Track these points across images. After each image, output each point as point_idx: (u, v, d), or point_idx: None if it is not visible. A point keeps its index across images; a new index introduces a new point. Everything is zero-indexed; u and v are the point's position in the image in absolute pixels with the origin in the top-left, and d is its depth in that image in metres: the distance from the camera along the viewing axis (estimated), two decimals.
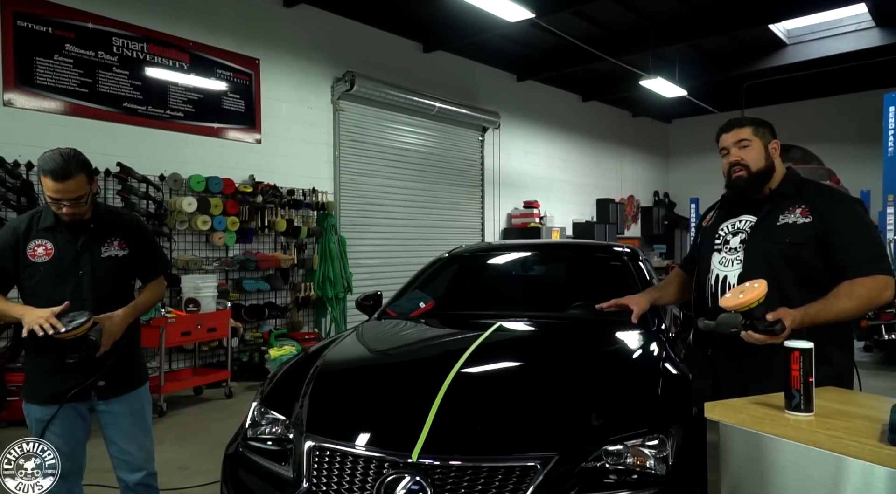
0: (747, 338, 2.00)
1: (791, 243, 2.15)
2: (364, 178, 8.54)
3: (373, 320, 3.71)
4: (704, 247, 2.45)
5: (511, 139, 11.09)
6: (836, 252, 2.10)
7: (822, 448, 1.52)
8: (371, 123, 8.67)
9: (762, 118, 2.33)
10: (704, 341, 2.42)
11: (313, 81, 7.91)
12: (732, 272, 2.28)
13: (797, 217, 2.18)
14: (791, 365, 1.67)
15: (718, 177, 10.27)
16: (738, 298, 1.96)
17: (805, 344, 1.66)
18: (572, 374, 2.65)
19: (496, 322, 3.19)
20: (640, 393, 2.51)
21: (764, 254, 2.20)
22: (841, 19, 10.05)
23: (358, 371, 2.93)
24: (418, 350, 3.11)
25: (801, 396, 1.65)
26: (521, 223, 10.79)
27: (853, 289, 2.04)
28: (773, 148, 2.28)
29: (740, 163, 2.27)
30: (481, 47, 9.99)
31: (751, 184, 2.28)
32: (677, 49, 10.34)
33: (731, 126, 2.32)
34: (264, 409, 2.67)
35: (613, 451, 2.20)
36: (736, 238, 2.32)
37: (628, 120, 14.65)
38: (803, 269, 2.15)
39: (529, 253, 4.27)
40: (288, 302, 7.47)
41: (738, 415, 1.72)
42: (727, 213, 2.42)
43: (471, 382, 2.54)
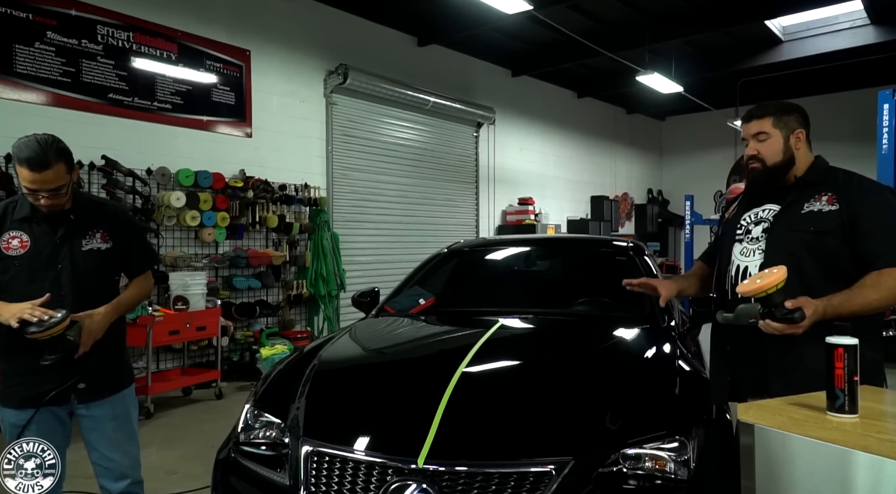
0: (765, 328, 1.89)
1: (816, 231, 2.04)
2: (357, 174, 8.38)
3: (370, 317, 3.56)
4: (726, 237, 2.33)
5: (506, 135, 10.96)
6: (863, 241, 1.99)
7: (873, 452, 1.39)
8: (364, 117, 8.51)
9: (791, 103, 2.20)
10: (722, 336, 2.31)
11: (306, 74, 7.74)
12: (754, 262, 2.17)
13: (823, 205, 2.06)
14: (835, 362, 1.54)
15: (712, 175, 10.26)
16: (756, 283, 1.85)
17: (850, 340, 1.53)
18: (583, 373, 2.52)
19: (500, 319, 3.06)
20: (657, 393, 2.38)
21: (787, 243, 2.09)
22: (836, 16, 9.98)
23: (357, 370, 2.78)
24: (420, 348, 2.97)
25: (846, 396, 1.51)
26: (516, 220, 10.67)
27: (881, 280, 1.93)
28: (796, 138, 2.15)
29: (756, 157, 2.18)
30: (476, 41, 9.85)
31: (765, 177, 2.19)
32: (673, 45, 10.24)
33: (752, 116, 2.20)
34: (258, 411, 2.52)
35: (632, 455, 2.07)
36: (758, 227, 2.21)
37: (623, 117, 14.55)
38: (829, 259, 2.04)
39: (531, 248, 4.14)
40: (280, 300, 7.30)
41: (776, 418, 1.58)
42: (750, 203, 2.30)
43: (477, 382, 2.40)
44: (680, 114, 15.41)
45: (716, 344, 2.35)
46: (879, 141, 10.00)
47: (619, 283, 3.66)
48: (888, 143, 9.80)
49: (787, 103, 2.20)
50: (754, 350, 2.13)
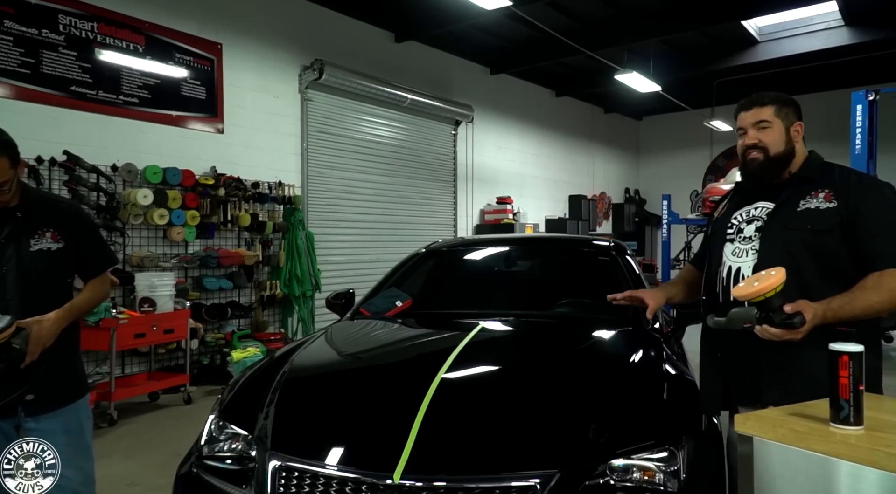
0: (762, 333, 1.78)
1: (813, 230, 1.93)
2: (333, 171, 8.21)
3: (345, 320, 3.42)
4: (716, 237, 2.21)
5: (484, 133, 10.85)
6: (863, 240, 1.89)
7: (883, 468, 1.30)
8: (340, 114, 8.34)
9: (787, 96, 2.10)
10: (714, 341, 2.19)
11: (280, 69, 7.54)
12: (747, 263, 2.05)
13: (820, 202, 1.96)
14: (839, 371, 1.44)
15: (688, 174, 10.24)
16: (753, 286, 1.73)
17: (855, 347, 1.44)
18: (567, 380, 2.40)
19: (480, 321, 2.94)
20: (645, 400, 2.28)
21: (783, 243, 1.97)
22: (811, 17, 10.05)
23: (330, 377, 2.64)
24: (397, 354, 2.83)
25: (851, 407, 1.42)
26: (494, 219, 10.57)
27: (882, 282, 1.83)
28: (795, 130, 2.06)
29: (758, 146, 2.05)
30: (455, 38, 9.74)
31: (766, 169, 2.06)
32: (651, 44, 10.22)
33: (752, 103, 2.08)
34: (223, 423, 2.36)
35: (619, 466, 1.96)
36: (751, 226, 2.09)
37: (600, 116, 14.55)
38: (827, 259, 1.93)
39: (511, 247, 4.02)
40: (252, 302, 7.10)
41: (776, 430, 1.48)
42: (741, 201, 2.19)
43: (457, 390, 2.27)
44: (657, 114, 15.47)
45: (706, 349, 2.24)
46: (853, 141, 10.11)
47: (601, 284, 3.59)
48: (861, 143, 9.90)
49: (785, 95, 2.10)
50: (748, 356, 2.02)
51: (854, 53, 10.34)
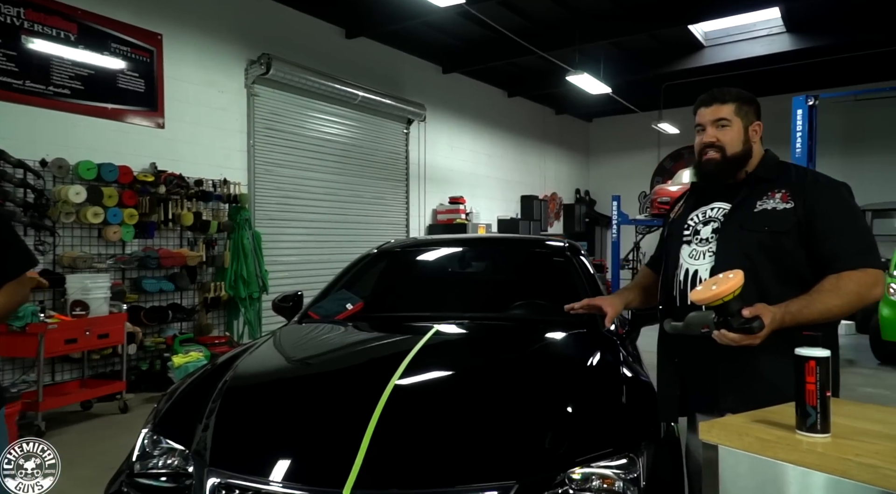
0: (720, 339, 1.71)
1: (770, 231, 1.88)
2: (281, 170, 7.97)
3: (292, 324, 3.26)
4: (672, 239, 2.15)
5: (436, 133, 10.76)
6: (820, 241, 1.85)
7: (854, 479, 1.25)
8: (289, 111, 8.11)
9: (749, 94, 2.04)
10: (671, 346, 2.12)
11: (225, 63, 7.27)
12: (704, 266, 2.00)
13: (777, 202, 1.91)
14: (805, 377, 1.39)
15: (636, 176, 10.39)
16: (711, 290, 1.66)
17: (821, 352, 1.39)
18: (524, 386, 2.32)
19: (433, 325, 2.84)
20: (603, 406, 2.22)
21: (740, 245, 1.92)
22: (755, 23, 10.33)
23: (276, 385, 2.48)
24: (347, 359, 2.69)
25: (818, 414, 1.37)
26: (447, 219, 10.50)
27: (840, 284, 1.78)
28: (753, 130, 2.01)
29: (715, 145, 1.99)
30: (406, 36, 9.62)
31: (723, 169, 2.01)
32: (602, 46, 10.34)
33: (713, 100, 2.01)
34: (157, 437, 2.19)
35: (579, 476, 1.89)
36: (707, 227, 2.03)
37: (552, 117, 14.66)
38: (784, 261, 1.89)
39: (465, 248, 3.93)
40: (195, 304, 6.81)
41: (742, 439, 1.42)
42: (697, 201, 2.13)
43: (410, 399, 2.16)
44: (606, 116, 15.69)
45: (663, 354, 2.17)
46: (793, 145, 10.45)
47: (556, 285, 3.54)
48: (801, 147, 10.23)
49: (746, 92, 2.05)
50: (705, 362, 1.97)
51: (795, 59, 10.68)
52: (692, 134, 2.11)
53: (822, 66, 10.88)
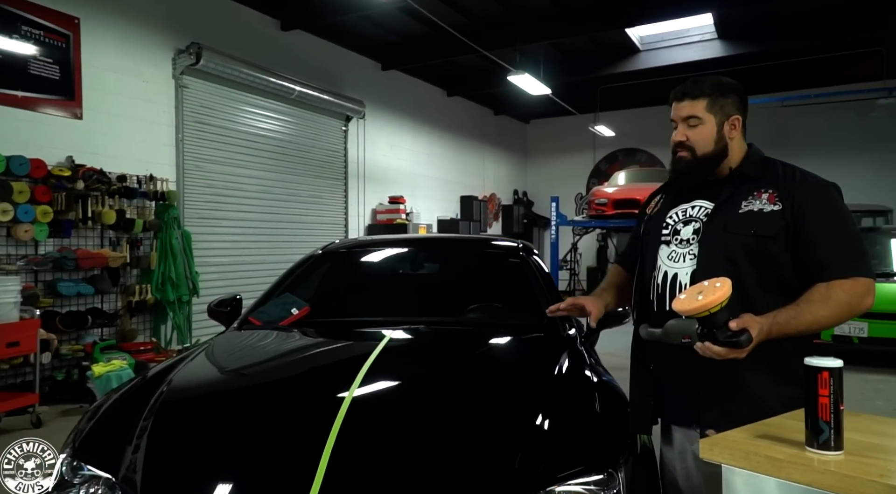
0: (703, 351, 1.58)
1: (757, 235, 1.75)
2: (213, 166, 7.55)
3: (231, 331, 2.99)
4: (650, 238, 2.00)
5: (376, 131, 10.52)
6: (810, 247, 1.72)
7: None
8: (221, 104, 7.69)
9: (730, 82, 1.88)
10: (646, 352, 1.98)
11: (150, 51, 6.81)
12: (684, 269, 1.86)
13: (764, 203, 1.78)
14: (818, 389, 1.28)
15: (573, 177, 10.49)
16: (697, 300, 1.52)
17: (834, 362, 1.28)
18: (493, 398, 2.15)
19: (387, 331, 2.64)
20: (578, 418, 2.08)
21: (723, 248, 1.79)
22: (688, 29, 10.59)
23: (217, 401, 2.21)
24: (297, 371, 2.45)
25: (832, 430, 1.26)
26: (386, 219, 10.27)
27: (830, 294, 1.65)
28: (731, 125, 1.86)
29: (685, 144, 1.86)
30: (344, 30, 9.35)
31: (693, 169, 1.88)
32: (541, 48, 10.37)
33: (685, 95, 1.86)
34: (77, 462, 1.90)
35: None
36: (688, 227, 1.89)
37: (490, 117, 14.65)
38: (769, 267, 1.75)
39: (416, 248, 3.74)
40: (118, 308, 6.34)
41: (750, 458, 1.30)
42: (677, 198, 1.98)
43: (370, 415, 1.96)
44: (543, 118, 15.82)
45: (637, 360, 2.02)
46: None
47: (512, 287, 3.41)
48: None
49: (726, 82, 1.88)
50: (683, 372, 1.83)
51: (725, 65, 11.00)
52: (627, 136, 2.00)
53: (751, 73, 11.26)
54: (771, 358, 1.70)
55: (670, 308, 1.83)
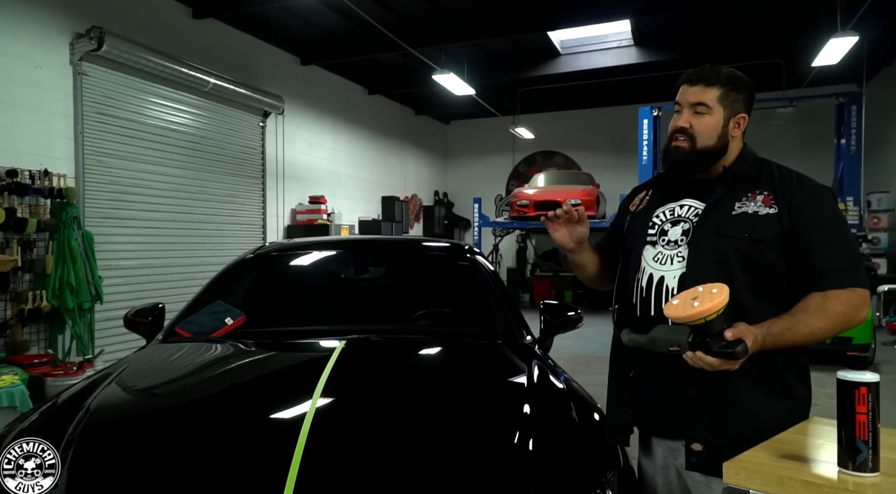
0: (694, 361, 1.48)
1: (751, 239, 1.65)
2: (118, 161, 6.93)
3: (155, 344, 2.65)
4: (634, 237, 1.87)
5: (295, 128, 10.10)
6: (807, 254, 1.63)
7: None
8: (127, 95, 7.08)
9: (745, 78, 1.78)
10: (626, 358, 1.84)
11: (43, 33, 6.16)
12: (672, 272, 1.74)
13: (759, 206, 1.67)
14: (855, 406, 1.19)
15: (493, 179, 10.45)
16: (693, 307, 1.41)
17: (871, 377, 1.20)
18: (465, 415, 1.97)
19: (335, 341, 2.39)
20: (560, 433, 1.93)
21: (716, 252, 1.68)
22: (606, 35, 10.83)
23: (150, 429, 1.88)
24: (241, 391, 2.15)
25: (870, 450, 1.18)
26: (307, 220, 9.87)
27: (827, 305, 1.57)
28: (735, 123, 1.75)
29: (687, 132, 1.73)
30: (261, 21, 8.91)
31: (689, 161, 1.76)
32: (465, 48, 10.30)
33: (699, 79, 1.74)
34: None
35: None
36: (676, 228, 1.77)
37: (411, 117, 14.48)
38: (763, 274, 1.65)
39: (358, 251, 3.51)
40: (8, 317, 5.67)
41: (784, 484, 1.19)
42: (665, 196, 1.86)
43: (336, 437, 1.73)
44: (464, 119, 15.81)
45: (616, 367, 1.90)
46: (640, 152, 11.11)
47: (463, 290, 3.24)
48: (647, 155, 10.91)
49: (741, 77, 1.76)
50: (669, 381, 1.71)
51: (641, 72, 11.37)
52: (546, 139, 1.85)
53: (664, 80, 11.67)
54: (762, 369, 1.62)
55: (656, 313, 1.72)
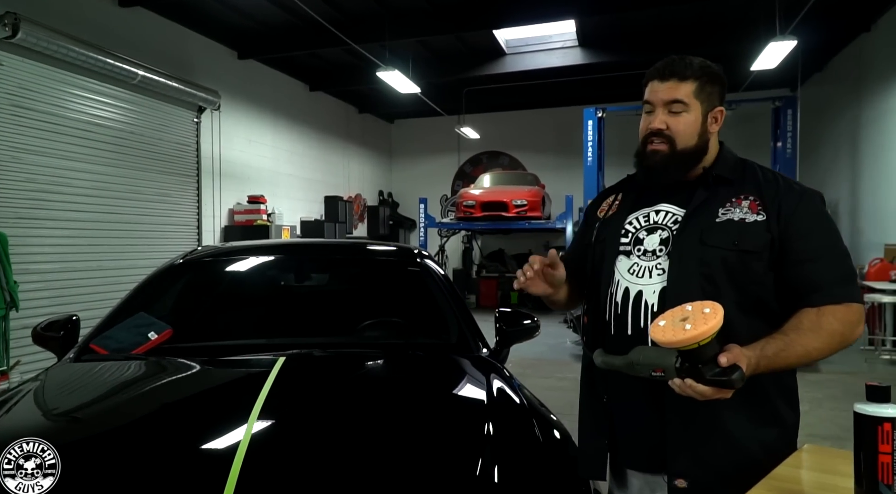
0: (683, 390, 1.30)
1: (739, 249, 1.48)
2: (36, 157, 6.42)
3: (66, 363, 2.34)
4: (605, 247, 1.67)
5: (232, 124, 9.66)
6: (798, 265, 1.48)
7: None
8: (47, 86, 6.57)
9: (717, 68, 1.60)
10: (598, 381, 1.65)
11: None
12: (650, 286, 1.55)
13: (745, 212, 1.51)
14: (878, 444, 1.04)
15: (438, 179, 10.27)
16: (685, 330, 1.24)
17: (894, 410, 1.06)
18: (420, 439, 1.78)
19: (274, 357, 2.14)
20: (521, 457, 1.76)
21: (700, 264, 1.50)
22: (551, 35, 10.83)
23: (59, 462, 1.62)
24: (161, 414, 1.89)
25: None
26: (245, 220, 9.45)
27: (822, 323, 1.42)
28: (713, 118, 1.59)
29: (664, 133, 1.56)
30: (194, 11, 8.47)
31: (669, 166, 1.58)
32: (410, 46, 10.10)
33: (671, 73, 1.56)
34: None
35: None
36: (653, 237, 1.59)
37: (354, 115, 14.15)
38: (750, 287, 1.49)
39: (298, 256, 3.25)
40: None
41: None
42: (638, 200, 1.68)
43: (271, 472, 1.50)
44: (408, 118, 15.59)
45: (587, 392, 1.71)
46: (585, 153, 11.11)
47: (412, 299, 3.04)
48: (592, 156, 10.93)
49: (712, 66, 1.59)
50: (648, 408, 1.53)
51: (586, 73, 11.43)
52: (492, 139, 1.66)
53: (611, 81, 11.78)
54: (749, 394, 1.43)
55: (633, 332, 1.55)
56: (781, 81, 11.54)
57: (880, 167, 9.18)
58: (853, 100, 10.13)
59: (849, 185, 10.49)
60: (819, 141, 11.53)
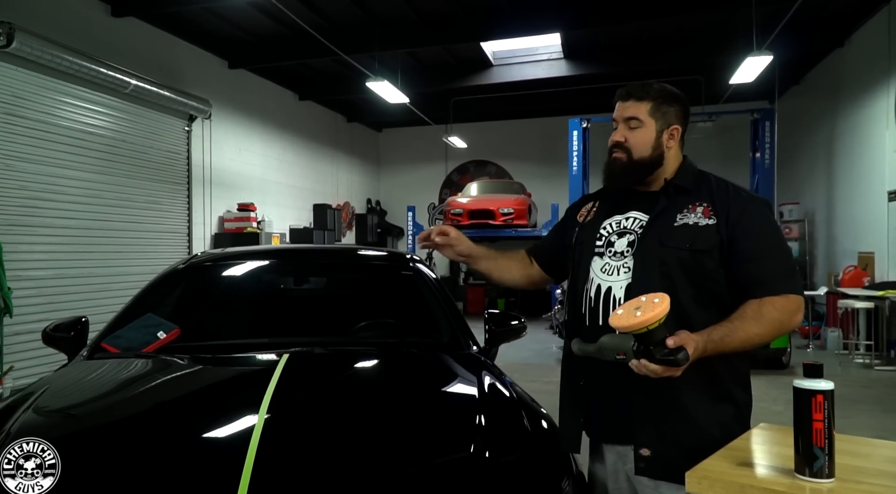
0: (639, 369, 1.53)
1: (693, 250, 1.71)
2: (28, 165, 6.51)
3: (79, 361, 2.47)
4: (582, 248, 1.90)
5: (223, 132, 9.78)
6: (743, 263, 1.70)
7: None
8: (40, 95, 6.66)
9: (675, 91, 1.86)
10: (576, 367, 1.88)
11: None
12: (618, 283, 1.78)
13: (699, 217, 1.74)
14: (812, 413, 1.22)
15: (426, 188, 10.49)
16: (635, 316, 1.47)
17: (827, 384, 1.24)
18: (421, 428, 1.93)
19: (278, 356, 2.28)
20: (518, 444, 1.92)
21: (659, 263, 1.73)
22: (537, 47, 11.07)
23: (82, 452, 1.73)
24: (178, 407, 2.02)
25: (826, 456, 1.21)
26: (235, 228, 9.55)
27: (763, 311, 1.64)
28: (669, 134, 1.82)
29: (622, 145, 1.82)
30: (186, 22, 8.60)
31: (627, 173, 1.83)
32: (398, 56, 10.28)
33: (629, 95, 1.83)
34: None
35: None
36: (622, 240, 1.82)
37: (343, 124, 14.31)
38: (705, 283, 1.71)
39: (295, 261, 3.39)
40: None
41: (746, 492, 1.21)
42: (612, 208, 1.91)
43: (284, 458, 1.65)
44: (396, 127, 15.77)
45: (567, 376, 1.93)
46: (570, 163, 11.34)
47: (405, 301, 3.20)
48: (577, 165, 11.16)
49: (671, 91, 1.86)
50: (617, 388, 1.75)
51: (570, 84, 11.67)
52: (479, 148, 1.89)
53: (595, 92, 12.03)
54: (705, 377, 1.68)
55: (604, 323, 1.76)
56: (760, 94, 11.86)
57: (854, 177, 9.48)
58: (828, 112, 10.45)
59: (824, 194, 10.79)
60: (796, 151, 11.83)
